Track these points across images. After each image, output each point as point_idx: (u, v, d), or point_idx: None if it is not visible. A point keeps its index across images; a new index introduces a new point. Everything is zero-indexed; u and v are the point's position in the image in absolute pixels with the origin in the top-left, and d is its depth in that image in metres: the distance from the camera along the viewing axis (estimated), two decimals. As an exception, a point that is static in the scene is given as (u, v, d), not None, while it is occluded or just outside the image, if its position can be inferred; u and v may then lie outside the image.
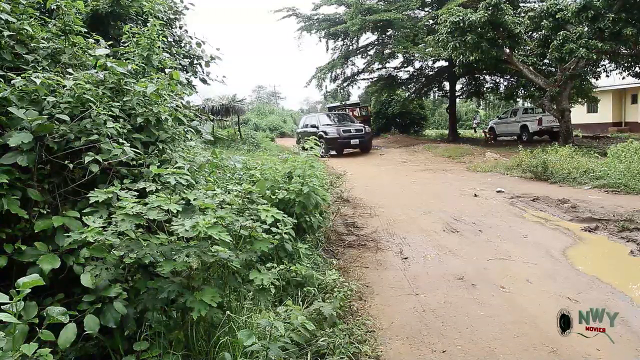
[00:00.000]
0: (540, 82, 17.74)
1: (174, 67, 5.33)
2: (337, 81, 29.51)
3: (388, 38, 25.93)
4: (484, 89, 28.13)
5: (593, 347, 3.47)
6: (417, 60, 27.16)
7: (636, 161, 9.88)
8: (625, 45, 15.50)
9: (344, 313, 3.82)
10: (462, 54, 16.77)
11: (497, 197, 9.30)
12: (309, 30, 27.27)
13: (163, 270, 2.56)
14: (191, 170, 3.78)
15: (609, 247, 6.02)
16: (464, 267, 5.20)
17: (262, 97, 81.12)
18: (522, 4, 23.01)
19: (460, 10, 16.67)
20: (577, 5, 15.07)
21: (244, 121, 33.23)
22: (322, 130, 19.98)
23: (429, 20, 24.10)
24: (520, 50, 18.15)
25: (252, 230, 3.03)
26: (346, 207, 8.25)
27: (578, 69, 16.78)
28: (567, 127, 17.45)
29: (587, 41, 14.72)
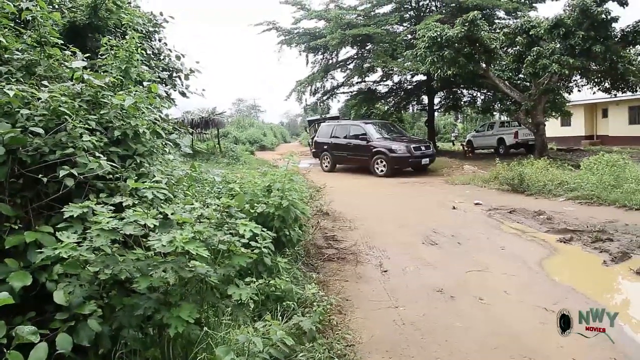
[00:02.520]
0: (516, 96, 18.15)
1: (153, 80, 5.30)
2: (317, 94, 29.66)
3: (367, 52, 26.23)
4: (462, 102, 28.59)
5: (569, 356, 3.52)
6: (396, 74, 27.49)
7: (607, 173, 10.15)
8: (595, 61, 16.02)
9: (324, 327, 3.80)
10: (440, 68, 17.06)
11: (475, 210, 9.42)
12: (289, 43, 27.42)
13: (139, 286, 2.51)
14: (169, 184, 3.73)
15: (583, 257, 6.15)
16: (443, 280, 5.24)
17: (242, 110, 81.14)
18: (498, 21, 23.61)
19: (438, 26, 16.99)
20: (549, 23, 15.54)
21: (224, 134, 33.09)
22: (382, 145, 16.58)
23: (408, 35, 24.48)
24: (496, 65, 18.57)
25: (230, 244, 3.00)
26: (326, 220, 8.25)
27: (551, 83, 17.22)
28: (542, 140, 17.85)
29: (560, 57, 15.15)
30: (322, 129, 20.16)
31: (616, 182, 9.72)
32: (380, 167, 16.28)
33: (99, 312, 2.51)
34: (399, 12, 25.93)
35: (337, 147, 18.30)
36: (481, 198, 10.51)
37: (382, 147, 16.50)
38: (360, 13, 25.94)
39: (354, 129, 18.18)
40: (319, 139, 19.63)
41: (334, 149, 18.45)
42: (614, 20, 15.08)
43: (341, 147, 18.12)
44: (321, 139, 19.50)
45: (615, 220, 7.69)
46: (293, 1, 26.67)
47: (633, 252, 5.97)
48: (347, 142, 17.90)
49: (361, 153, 17.07)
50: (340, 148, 18.20)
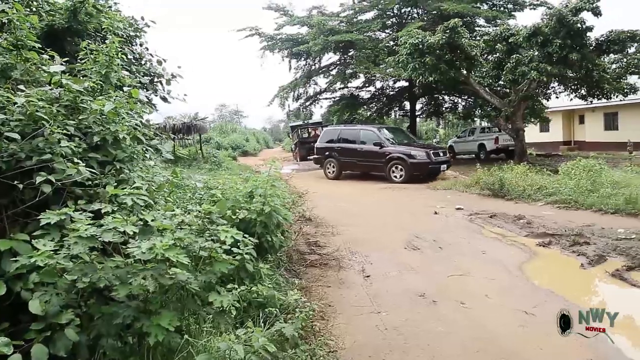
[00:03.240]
0: (496, 102, 18.45)
1: (134, 85, 5.24)
2: (299, 100, 29.73)
3: (350, 58, 26.40)
4: (443, 108, 28.96)
5: (548, 358, 3.58)
6: (379, 80, 27.75)
7: (584, 178, 10.36)
8: (572, 69, 16.41)
9: (306, 333, 3.79)
10: (422, 74, 17.26)
11: (457, 214, 9.51)
12: (272, 49, 27.45)
13: (118, 294, 2.48)
14: (150, 190, 3.69)
15: (562, 261, 6.25)
16: (425, 284, 5.27)
17: (224, 115, 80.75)
18: (478, 28, 24.02)
19: (420, 33, 17.21)
20: (528, 31, 15.87)
21: (206, 140, 32.87)
22: (399, 150, 15.95)
23: (390, 41, 24.73)
24: (476, 72, 18.86)
25: (211, 251, 2.98)
26: (308, 226, 8.24)
27: (530, 90, 17.56)
28: (521, 145, 18.16)
29: (538, 64, 15.48)
30: (325, 133, 19.07)
31: (593, 186, 9.92)
32: (397, 173, 15.63)
33: (76, 321, 2.46)
34: (381, 19, 26.19)
35: (345, 153, 17.31)
36: (462, 203, 10.62)
37: (399, 152, 15.83)
38: (342, 19, 26.14)
39: (366, 134, 17.24)
40: (322, 145, 18.44)
41: (341, 154, 17.41)
42: (588, 30, 15.49)
43: (350, 153, 17.17)
44: (324, 144, 18.31)
45: (592, 224, 7.84)
46: (276, 7, 26.78)
47: (609, 255, 6.09)
48: (357, 147, 16.96)
49: (374, 159, 16.29)
50: (348, 154, 17.21)
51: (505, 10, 24.46)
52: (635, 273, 5.40)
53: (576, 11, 15.24)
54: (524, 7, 24.21)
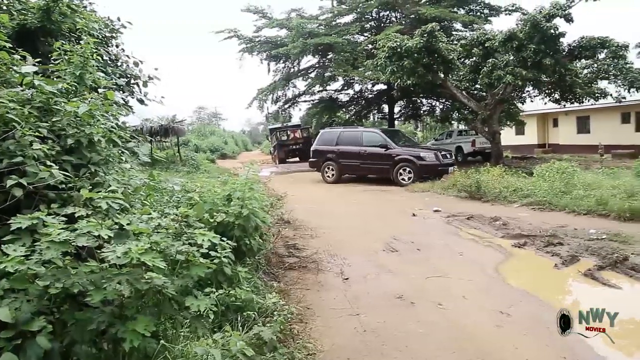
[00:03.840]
0: (473, 105, 18.72)
1: (109, 86, 5.16)
2: (278, 103, 29.71)
3: (329, 61, 26.50)
4: (421, 111, 29.24)
5: (523, 357, 3.64)
6: (357, 83, 27.90)
7: (558, 180, 10.59)
8: (545, 73, 16.76)
9: (285, 337, 3.78)
10: (400, 78, 17.38)
11: (435, 216, 9.62)
12: (251, 52, 27.37)
13: (92, 300, 2.43)
14: (126, 194, 3.64)
15: (537, 261, 6.38)
16: (404, 286, 5.31)
17: (203, 118, 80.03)
18: (455, 33, 24.31)
19: (398, 37, 17.34)
20: (503, 36, 16.15)
21: (184, 142, 32.52)
22: (407, 153, 15.89)
23: (368, 45, 24.89)
24: (453, 76, 19.09)
25: (188, 254, 2.95)
26: (287, 228, 8.22)
27: (506, 94, 17.87)
28: (498, 148, 18.45)
29: (513, 69, 15.76)
30: (322, 136, 18.47)
31: (566, 188, 10.15)
32: (405, 175, 15.46)
33: (48, 328, 2.39)
34: (360, 22, 26.38)
35: (347, 156, 16.95)
36: (440, 205, 10.74)
37: (407, 154, 15.74)
38: (321, 22, 26.22)
39: (369, 136, 17.04)
40: (319, 147, 17.94)
41: (341, 157, 17.05)
42: (561, 36, 15.86)
43: (351, 156, 16.83)
44: (322, 147, 17.82)
45: (566, 225, 8.02)
46: (255, 9, 26.70)
47: (581, 255, 6.24)
48: (360, 149, 16.63)
49: (379, 161, 16.07)
50: (350, 156, 16.88)
51: (481, 15, 24.90)
52: (605, 272, 5.55)
53: (549, 17, 15.58)
54: (499, 13, 24.66)
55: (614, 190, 9.32)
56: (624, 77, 16.55)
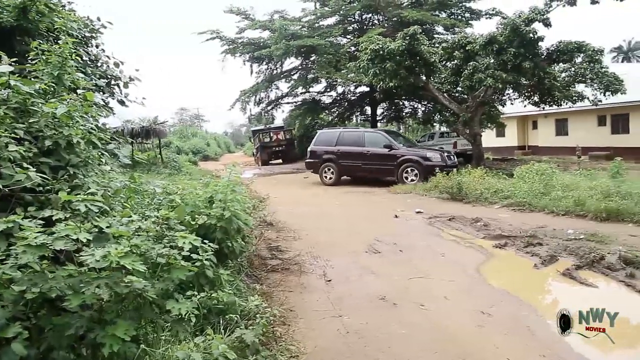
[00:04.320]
0: (454, 108, 18.92)
1: (89, 87, 5.08)
2: (261, 104, 29.66)
3: (312, 63, 26.53)
4: (404, 113, 29.48)
5: (504, 356, 3.69)
6: (340, 85, 27.96)
7: (537, 182, 10.77)
8: (525, 76, 17.06)
9: (267, 339, 3.76)
10: (382, 80, 17.48)
11: (417, 218, 9.69)
12: (233, 53, 27.26)
13: (71, 304, 2.38)
14: (105, 196, 3.59)
15: (517, 261, 6.47)
16: (386, 287, 5.34)
17: (185, 119, 79.39)
18: (437, 36, 24.63)
19: (380, 39, 17.45)
20: (484, 39, 16.38)
21: (166, 144, 32.20)
22: (412, 153, 15.82)
23: (351, 47, 25.01)
24: (435, 78, 19.27)
25: (169, 257, 2.92)
26: (270, 230, 8.19)
27: (487, 96, 18.10)
28: (479, 150, 18.68)
29: (494, 72, 15.99)
30: (320, 137, 18.09)
31: (545, 189, 10.32)
32: (411, 176, 15.28)
33: (24, 335, 2.34)
34: (342, 24, 26.48)
35: (348, 157, 16.66)
36: (422, 206, 10.82)
37: (412, 155, 15.63)
38: (304, 24, 26.26)
39: (372, 136, 16.91)
40: (317, 148, 17.57)
41: (342, 158, 16.75)
42: (540, 40, 16.16)
43: (353, 157, 16.55)
44: (321, 147, 17.46)
45: (545, 226, 8.15)
46: (237, 11, 26.60)
47: (560, 255, 6.35)
48: (363, 150, 16.37)
49: (383, 162, 15.88)
50: (352, 157, 16.57)
51: (462, 18, 25.23)
52: (583, 272, 5.66)
53: (528, 22, 15.86)
54: (480, 17, 25.03)
55: (591, 191, 9.51)
56: (600, 81, 16.93)
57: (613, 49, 54.44)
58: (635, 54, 54.94)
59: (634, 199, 8.69)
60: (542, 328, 4.22)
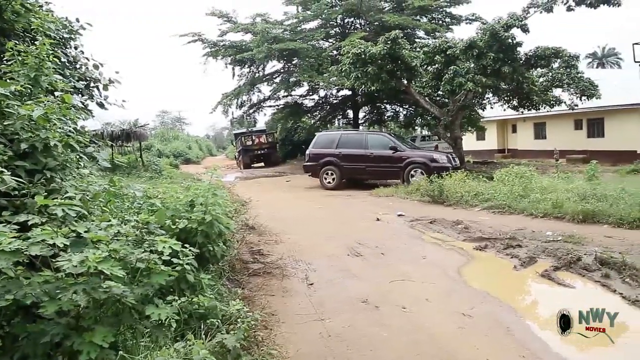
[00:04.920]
0: (435, 111, 19.12)
1: (67, 89, 5.00)
2: (243, 108, 29.53)
3: (294, 66, 26.53)
4: (385, 117, 29.64)
5: (484, 357, 3.73)
6: (322, 88, 28.02)
7: (517, 184, 10.92)
8: (504, 81, 17.35)
9: (249, 344, 3.73)
10: (364, 84, 17.57)
11: (398, 221, 9.74)
12: (215, 56, 27.10)
13: (46, 311, 2.34)
14: (84, 200, 3.53)
15: (497, 263, 6.55)
16: (368, 290, 5.35)
17: (166, 122, 78.62)
18: (418, 40, 24.84)
19: (362, 43, 17.54)
20: (464, 44, 16.60)
21: (147, 147, 31.83)
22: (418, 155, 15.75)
23: (333, 51, 25.10)
24: (416, 82, 19.44)
25: (149, 262, 2.88)
26: (252, 234, 8.15)
27: (467, 100, 18.34)
28: (460, 153, 18.87)
29: (474, 76, 16.21)
30: (319, 139, 17.61)
31: (524, 192, 10.47)
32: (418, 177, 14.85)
33: (-3, 343, 2.29)
34: (324, 28, 26.56)
35: (351, 159, 16.24)
36: (403, 209, 10.89)
37: (419, 157, 15.50)
38: (286, 28, 26.24)
39: (375, 139, 16.73)
40: (316, 151, 17.04)
41: (344, 161, 16.30)
42: (518, 45, 16.45)
43: (356, 159, 16.17)
44: (320, 150, 16.95)
45: (524, 228, 8.27)
46: (219, 13, 26.47)
47: (539, 257, 6.44)
48: (367, 153, 16.03)
49: (389, 164, 15.62)
50: (355, 160, 16.19)
51: (443, 23, 25.57)
52: (561, 272, 5.76)
53: (507, 27, 16.13)
54: (460, 22, 25.38)
55: (568, 194, 9.68)
56: (576, 86, 17.34)
57: (588, 55, 55.78)
58: (609, 60, 56.35)
59: (608, 201, 8.88)
60: (521, 328, 4.29)
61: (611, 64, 55.15)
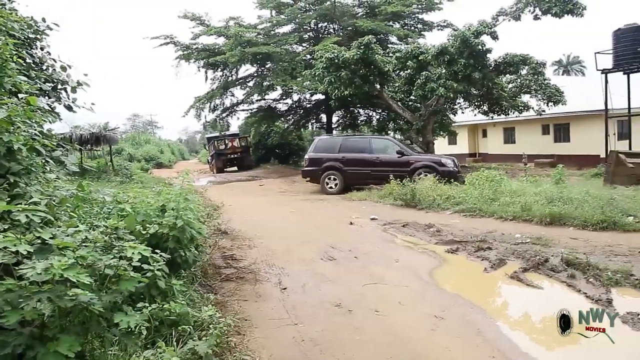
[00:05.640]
0: (408, 116, 19.37)
1: (32, 91, 4.86)
2: (216, 111, 29.18)
3: (267, 70, 26.42)
4: (359, 121, 29.78)
5: (455, 358, 3.78)
6: (296, 93, 27.99)
7: (487, 188, 11.12)
8: (475, 86, 17.74)
9: (222, 350, 3.68)
10: (338, 88, 17.67)
11: (371, 224, 9.80)
12: (188, 59, 26.77)
13: (8, 322, 2.25)
14: (50, 206, 3.43)
15: (468, 266, 6.66)
16: (341, 294, 5.36)
17: (137, 126, 77.37)
18: (391, 45, 25.16)
19: (335, 48, 17.67)
20: (436, 50, 16.90)
21: (117, 151, 31.19)
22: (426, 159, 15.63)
23: (307, 55, 25.12)
24: (389, 87, 19.68)
25: (117, 268, 2.82)
26: (224, 239, 8.07)
27: (439, 105, 18.65)
28: (432, 158, 19.16)
29: (445, 81, 16.51)
30: (319, 144, 17.19)
31: (494, 195, 10.67)
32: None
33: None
34: (298, 32, 26.59)
35: (355, 164, 15.89)
36: (377, 213, 10.96)
37: (427, 161, 15.35)
38: (260, 32, 26.16)
39: (380, 143, 16.36)
40: (317, 156, 16.59)
41: (348, 166, 15.94)
42: (488, 52, 16.88)
43: (362, 164, 15.81)
44: (321, 155, 16.51)
45: (494, 230, 8.44)
46: (192, 16, 26.19)
47: (508, 259, 6.58)
48: (372, 157, 15.75)
49: (395, 168, 15.03)
50: (360, 164, 15.84)
51: (415, 29, 25.92)
52: (529, 274, 5.90)
53: (477, 34, 16.51)
54: (432, 28, 25.79)
55: (536, 197, 9.91)
56: (543, 92, 17.87)
57: (554, 63, 57.52)
58: (573, 67, 58.22)
59: (574, 203, 9.14)
60: (491, 329, 4.37)
61: (575, 72, 57.01)
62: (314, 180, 16.83)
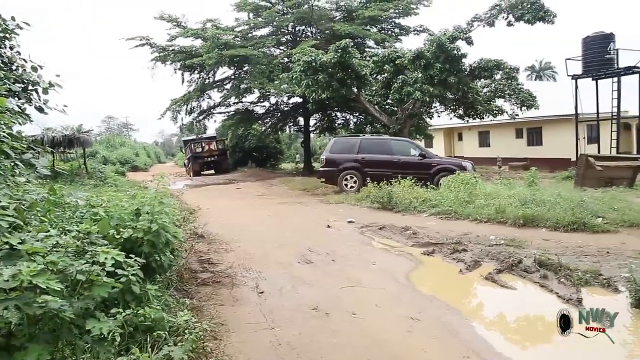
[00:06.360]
0: (385, 119, 19.54)
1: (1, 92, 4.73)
2: (193, 114, 28.91)
3: (244, 73, 26.31)
4: (336, 124, 29.93)
5: (431, 359, 3.83)
6: (273, 95, 27.94)
7: (462, 191, 11.30)
8: (450, 91, 18.02)
9: (197, 355, 3.64)
10: (315, 91, 17.72)
11: (348, 227, 9.84)
12: (164, 61, 26.45)
13: (-27, 330, 2.19)
14: (19, 210, 3.34)
15: (444, 267, 6.74)
16: (319, 297, 5.36)
17: (112, 128, 76.12)
18: (368, 49, 25.33)
19: (313, 51, 17.70)
20: (412, 54, 17.11)
21: (91, 154, 30.58)
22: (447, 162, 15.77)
23: (284, 58, 25.12)
24: (366, 90, 19.82)
25: (90, 274, 2.76)
26: (201, 243, 7.98)
27: (415, 109, 18.87)
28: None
29: (421, 85, 16.72)
30: (336, 145, 17.00)
31: (469, 198, 10.85)
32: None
33: None
34: (275, 35, 26.56)
35: (375, 165, 15.67)
36: (354, 216, 11.01)
37: (449, 164, 15.38)
38: (237, 34, 26.04)
39: (401, 145, 16.23)
40: (334, 156, 16.39)
41: (367, 166, 15.72)
42: (463, 56, 17.18)
43: (382, 165, 15.55)
44: (338, 156, 16.33)
45: (469, 233, 8.57)
46: (168, 17, 25.89)
47: (483, 261, 6.69)
48: (393, 158, 15.58)
49: (417, 170, 15.01)
50: (380, 165, 15.56)
51: (392, 34, 26.18)
52: (503, 275, 6.01)
53: (453, 39, 16.78)
54: (409, 32, 26.09)
55: (510, 199, 10.12)
56: (517, 97, 18.26)
57: (527, 68, 58.81)
58: (545, 73, 59.64)
59: (546, 205, 9.36)
60: (466, 330, 4.43)
61: (547, 77, 58.42)
62: (329, 182, 16.68)
